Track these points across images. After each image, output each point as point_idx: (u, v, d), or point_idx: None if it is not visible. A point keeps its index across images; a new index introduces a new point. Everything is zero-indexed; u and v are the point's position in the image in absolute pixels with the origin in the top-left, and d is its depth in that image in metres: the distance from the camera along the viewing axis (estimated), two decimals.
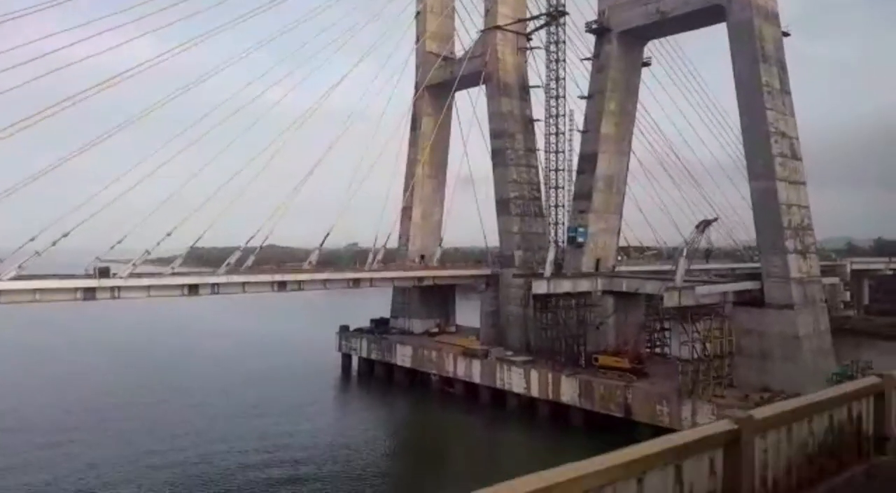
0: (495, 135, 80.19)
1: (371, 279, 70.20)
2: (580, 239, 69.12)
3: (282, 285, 63.00)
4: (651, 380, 59.79)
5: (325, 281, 65.81)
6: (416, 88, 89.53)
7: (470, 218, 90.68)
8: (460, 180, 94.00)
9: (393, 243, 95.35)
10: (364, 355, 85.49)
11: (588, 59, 72.67)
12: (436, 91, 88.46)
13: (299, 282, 63.94)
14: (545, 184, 79.84)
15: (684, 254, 55.59)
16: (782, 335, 55.25)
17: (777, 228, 56.07)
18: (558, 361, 64.95)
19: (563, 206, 74.31)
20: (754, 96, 57.23)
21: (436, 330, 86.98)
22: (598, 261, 71.91)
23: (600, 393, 59.62)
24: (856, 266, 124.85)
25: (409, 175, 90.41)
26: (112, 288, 54.06)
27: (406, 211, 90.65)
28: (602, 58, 70.03)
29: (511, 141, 79.40)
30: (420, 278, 75.95)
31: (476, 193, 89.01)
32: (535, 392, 64.86)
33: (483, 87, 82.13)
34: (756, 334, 56.75)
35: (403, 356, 79.41)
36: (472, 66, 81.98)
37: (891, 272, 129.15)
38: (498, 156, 79.80)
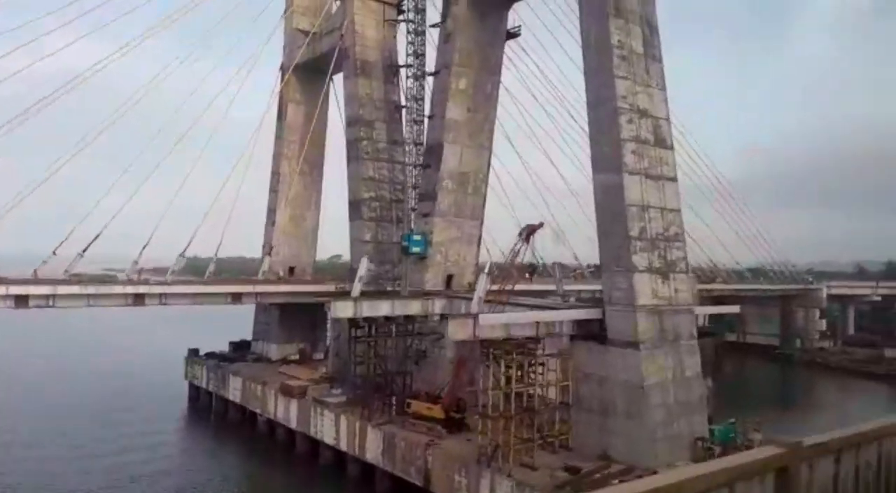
0: (350, 123, 66.45)
1: (161, 295, 56.40)
2: (416, 249, 54.53)
3: None
4: (469, 435, 45.10)
5: (51, 296, 51.70)
6: (282, 71, 76.36)
7: None
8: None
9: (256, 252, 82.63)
10: (204, 385, 72.00)
11: (436, 26, 58.55)
12: (309, 75, 75.27)
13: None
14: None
15: (486, 270, 40.88)
16: (626, 384, 40.28)
17: (622, 238, 41.16)
18: (376, 403, 50.55)
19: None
20: (601, 61, 42.61)
21: (296, 357, 73.15)
22: (449, 278, 57.44)
23: (401, 452, 45.23)
24: (835, 291, 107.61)
25: (275, 173, 77.32)
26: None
27: (271, 215, 77.44)
28: (448, 24, 55.84)
29: (368, 131, 65.54)
30: (237, 296, 62.01)
31: None
32: (343, 445, 50.69)
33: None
34: (596, 381, 41.82)
35: (234, 390, 65.76)
36: (331, 41, 68.65)
37: (879, 298, 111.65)
38: (352, 148, 66.04)
